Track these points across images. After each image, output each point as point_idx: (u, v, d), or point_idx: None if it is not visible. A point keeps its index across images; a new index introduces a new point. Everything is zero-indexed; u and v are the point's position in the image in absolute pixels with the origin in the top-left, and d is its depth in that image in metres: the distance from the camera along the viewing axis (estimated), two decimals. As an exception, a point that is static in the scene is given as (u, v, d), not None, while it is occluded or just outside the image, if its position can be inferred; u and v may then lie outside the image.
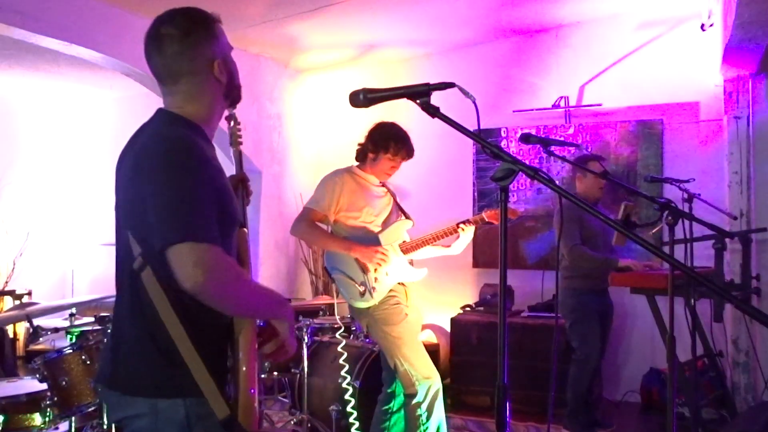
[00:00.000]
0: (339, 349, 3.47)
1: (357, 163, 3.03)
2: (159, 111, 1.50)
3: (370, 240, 2.91)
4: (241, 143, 1.77)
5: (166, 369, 1.36)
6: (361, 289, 2.83)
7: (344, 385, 3.34)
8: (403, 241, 3.00)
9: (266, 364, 3.47)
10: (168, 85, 1.48)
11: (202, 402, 1.35)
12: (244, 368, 1.38)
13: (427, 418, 2.79)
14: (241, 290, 1.38)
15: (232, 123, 1.75)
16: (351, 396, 3.31)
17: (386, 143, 2.87)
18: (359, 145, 3.00)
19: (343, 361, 3.44)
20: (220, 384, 1.37)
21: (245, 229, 1.61)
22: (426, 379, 2.79)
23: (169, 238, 1.28)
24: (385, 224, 2.99)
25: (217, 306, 1.33)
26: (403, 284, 2.97)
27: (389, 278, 2.89)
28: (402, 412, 2.93)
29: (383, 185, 3.05)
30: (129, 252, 1.41)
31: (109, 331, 2.87)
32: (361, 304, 2.85)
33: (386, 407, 2.96)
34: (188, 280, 1.27)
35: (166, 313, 1.35)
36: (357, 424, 3.27)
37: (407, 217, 3.08)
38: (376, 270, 2.85)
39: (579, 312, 3.67)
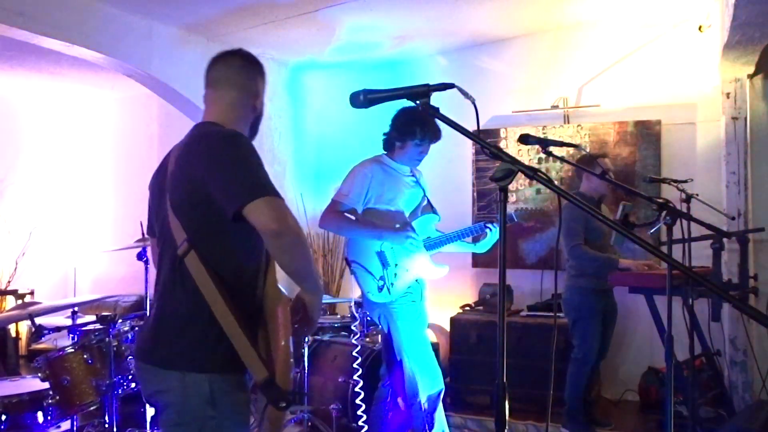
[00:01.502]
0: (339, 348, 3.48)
1: (385, 152, 2.96)
2: (203, 123, 1.71)
3: (395, 224, 2.85)
4: None
5: (202, 345, 1.52)
6: (380, 283, 2.79)
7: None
8: (428, 237, 2.95)
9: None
10: (218, 89, 1.74)
11: (226, 379, 1.52)
12: (282, 342, 1.53)
13: (430, 419, 2.79)
14: (306, 247, 1.55)
15: None
16: (351, 395, 3.33)
17: (411, 129, 2.81)
18: (385, 134, 2.94)
19: (344, 360, 3.46)
20: (258, 353, 1.50)
21: None
22: (430, 380, 2.78)
23: (245, 198, 1.44)
24: (413, 216, 2.93)
25: (290, 251, 1.49)
26: (417, 281, 2.92)
27: (409, 274, 2.84)
28: (400, 404, 2.91)
29: (413, 175, 2.98)
30: (173, 240, 1.58)
31: (111, 329, 2.90)
32: (378, 299, 2.82)
33: (384, 402, 2.96)
34: (275, 223, 1.44)
35: (210, 292, 1.50)
36: (357, 423, 3.29)
37: (434, 211, 3.01)
38: (397, 265, 2.81)
39: (582, 310, 3.68)
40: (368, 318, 3.57)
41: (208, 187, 1.50)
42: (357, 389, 3.26)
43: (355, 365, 3.37)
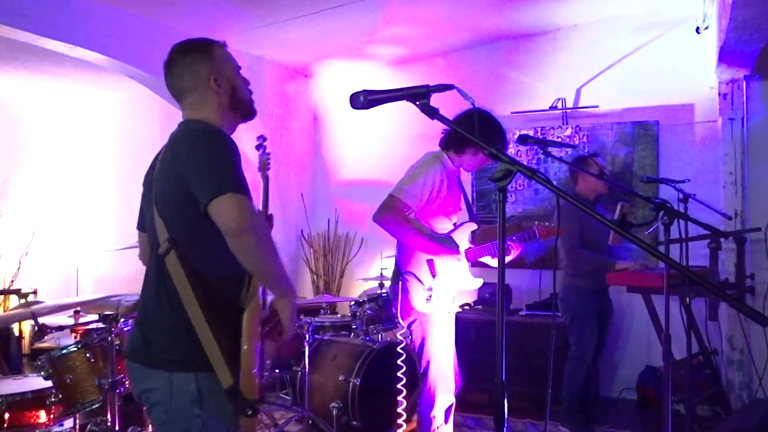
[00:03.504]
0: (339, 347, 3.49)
1: (443, 150, 2.78)
2: (183, 122, 1.69)
3: (449, 243, 2.75)
4: (269, 169, 1.96)
5: (183, 345, 1.51)
6: (428, 294, 2.69)
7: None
8: (468, 248, 2.82)
9: (267, 362, 3.51)
10: (180, 101, 1.72)
11: (213, 377, 1.49)
12: (245, 346, 1.51)
13: (439, 428, 2.77)
14: (272, 249, 1.52)
15: (261, 151, 1.97)
16: (351, 394, 3.35)
17: (497, 140, 2.68)
18: (452, 133, 2.75)
19: (344, 358, 3.48)
20: (231, 361, 1.49)
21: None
22: (447, 391, 2.76)
23: (212, 193, 1.43)
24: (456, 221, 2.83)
25: (250, 252, 1.47)
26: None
27: (453, 285, 2.77)
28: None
29: (459, 176, 2.86)
30: (156, 239, 1.58)
31: (113, 328, 2.91)
32: (425, 309, 2.72)
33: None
34: (233, 222, 1.42)
35: (186, 294, 1.50)
36: (357, 422, 3.31)
37: (472, 215, 2.89)
38: (443, 276, 2.71)
39: (579, 310, 3.70)
40: (368, 317, 3.58)
41: (189, 185, 1.49)
42: (357, 388, 3.24)
43: (355, 364, 3.37)
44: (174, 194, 1.53)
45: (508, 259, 2.87)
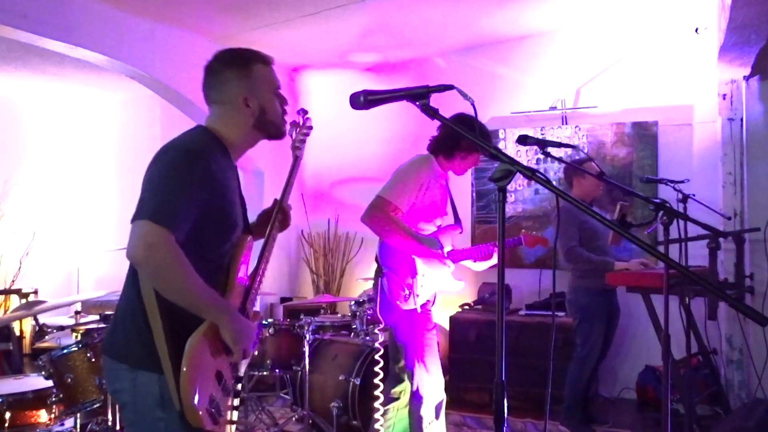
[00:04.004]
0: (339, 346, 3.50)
1: (432, 155, 2.81)
2: (197, 125, 1.69)
3: (434, 245, 2.80)
4: (299, 148, 1.93)
5: (148, 343, 1.48)
6: (407, 292, 2.73)
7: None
8: (451, 250, 2.89)
9: (268, 362, 3.51)
10: (208, 105, 1.71)
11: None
12: (184, 368, 1.43)
13: (432, 426, 2.78)
14: (178, 279, 1.44)
15: (295, 130, 1.93)
16: (351, 393, 3.36)
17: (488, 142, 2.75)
18: (442, 138, 2.78)
19: (344, 358, 3.49)
20: (177, 381, 1.43)
21: (247, 236, 1.70)
22: (436, 389, 2.77)
23: (136, 214, 1.43)
24: (440, 223, 2.88)
25: (154, 283, 1.45)
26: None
27: (432, 286, 2.81)
28: (406, 411, 2.89)
29: (446, 180, 2.90)
30: None
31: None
32: (404, 306, 2.75)
33: (391, 405, 2.93)
34: (129, 251, 1.41)
35: (150, 303, 1.48)
36: (357, 421, 3.32)
37: (457, 220, 2.93)
38: (423, 276, 2.76)
39: (588, 311, 3.70)
40: (368, 317, 3.60)
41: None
42: (357, 387, 3.27)
43: (355, 363, 3.39)
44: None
45: (489, 264, 2.92)
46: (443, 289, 2.90)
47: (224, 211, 1.58)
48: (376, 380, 2.99)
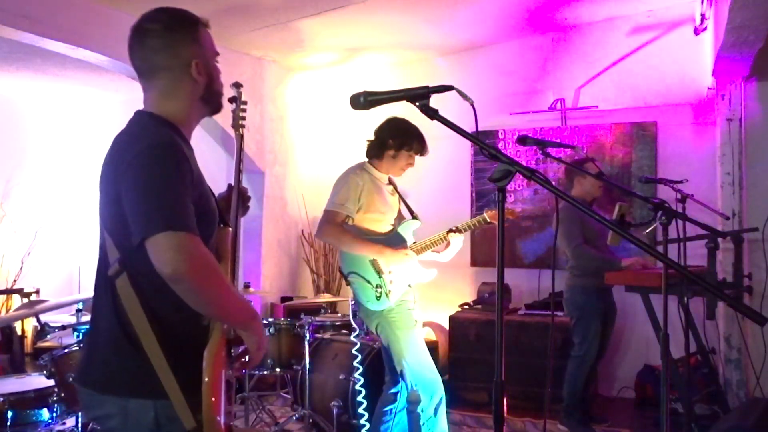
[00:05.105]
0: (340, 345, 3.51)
1: (367, 160, 2.95)
2: (136, 113, 1.50)
3: (393, 240, 2.86)
4: (243, 125, 1.73)
5: (138, 370, 1.34)
6: (378, 291, 2.78)
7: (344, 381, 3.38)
8: (414, 242, 2.96)
9: (268, 361, 3.52)
10: (146, 79, 1.50)
11: (172, 404, 1.33)
12: (206, 378, 1.35)
13: (433, 425, 2.80)
14: (217, 286, 1.34)
15: (234, 104, 1.71)
16: (352, 392, 3.37)
17: (410, 140, 2.84)
18: (372, 141, 2.92)
19: (344, 357, 3.50)
20: (190, 393, 1.33)
21: (229, 228, 1.60)
22: (431, 386, 2.79)
23: (147, 230, 1.26)
24: (395, 223, 2.96)
25: (193, 297, 1.30)
26: (409, 286, 2.93)
27: (404, 280, 2.85)
28: (404, 413, 2.91)
29: (390, 183, 3.00)
30: (106, 257, 1.43)
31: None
32: (377, 307, 2.80)
33: (389, 407, 2.94)
34: (168, 266, 1.24)
35: (139, 320, 1.34)
36: (357, 420, 3.33)
37: (415, 216, 3.02)
38: (390, 272, 2.81)
39: (584, 310, 3.72)
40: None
41: (126, 208, 1.32)
42: (358, 387, 3.30)
43: (355, 363, 3.40)
44: (116, 214, 1.35)
45: (452, 251, 2.95)
46: (415, 281, 2.94)
47: (205, 203, 1.44)
48: (358, 378, 3.01)
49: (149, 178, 1.30)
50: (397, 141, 2.85)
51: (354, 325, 3.65)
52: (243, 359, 1.53)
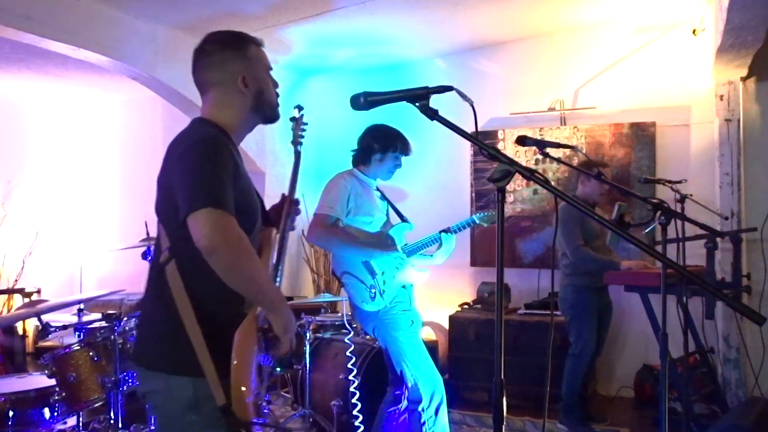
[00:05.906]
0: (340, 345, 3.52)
1: (354, 167, 3.02)
2: (193, 119, 1.66)
3: (383, 242, 2.90)
4: (300, 143, 1.97)
5: (179, 350, 1.47)
6: (372, 292, 2.81)
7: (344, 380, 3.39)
8: (405, 244, 3.00)
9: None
10: (202, 93, 1.68)
11: (209, 383, 1.45)
12: (235, 361, 1.45)
13: (433, 424, 2.81)
14: (251, 264, 1.45)
15: (293, 124, 1.98)
16: (352, 392, 3.38)
17: (393, 142, 2.92)
18: (357, 149, 3.01)
19: (345, 357, 3.51)
20: (224, 374, 1.44)
21: (273, 229, 1.74)
22: (431, 385, 2.80)
23: (191, 206, 1.39)
24: (384, 227, 2.99)
25: (226, 269, 1.40)
26: (403, 287, 2.94)
27: (397, 280, 2.88)
28: (406, 414, 2.91)
29: (378, 190, 3.05)
30: (160, 247, 1.57)
31: (116, 327, 2.95)
32: (372, 307, 2.82)
33: (392, 408, 2.94)
34: (204, 239, 1.37)
35: (183, 305, 1.48)
36: (358, 419, 3.34)
37: (404, 220, 3.06)
38: (383, 273, 2.84)
39: (577, 308, 3.74)
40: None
41: (176, 192, 1.46)
42: (353, 388, 3.30)
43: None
44: (169, 203, 1.49)
45: (446, 252, 2.99)
46: (409, 282, 2.96)
47: (247, 200, 1.58)
48: (353, 380, 3.00)
49: (194, 164, 1.45)
50: (381, 144, 2.92)
51: (348, 327, 3.67)
52: (273, 342, 1.59)
